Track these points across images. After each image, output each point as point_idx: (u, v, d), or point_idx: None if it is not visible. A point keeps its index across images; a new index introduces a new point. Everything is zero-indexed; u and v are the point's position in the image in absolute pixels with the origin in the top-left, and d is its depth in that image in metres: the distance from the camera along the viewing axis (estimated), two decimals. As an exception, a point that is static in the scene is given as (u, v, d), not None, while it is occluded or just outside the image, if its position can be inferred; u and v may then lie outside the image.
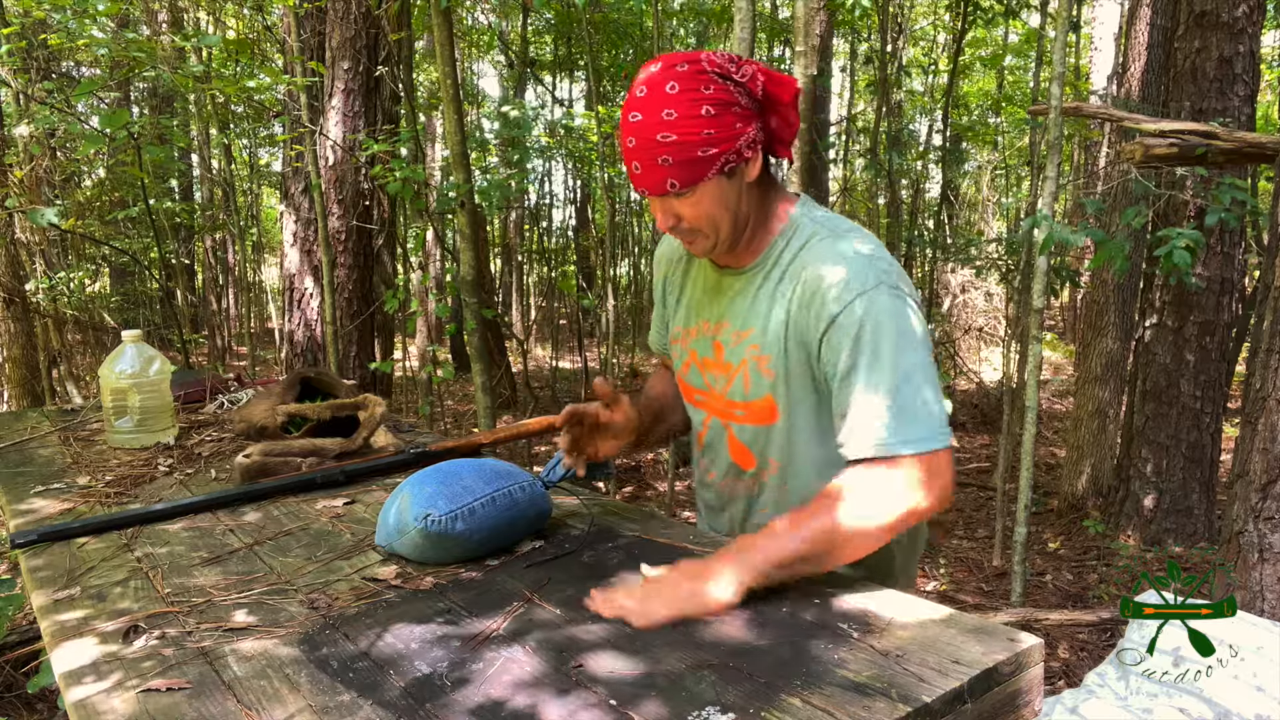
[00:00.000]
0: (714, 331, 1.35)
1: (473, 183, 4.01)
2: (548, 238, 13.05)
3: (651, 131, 1.17)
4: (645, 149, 1.18)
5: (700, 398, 1.40)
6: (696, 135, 1.16)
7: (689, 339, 1.41)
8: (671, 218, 1.24)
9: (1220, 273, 4.55)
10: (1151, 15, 5.27)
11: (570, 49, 10.10)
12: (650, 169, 1.19)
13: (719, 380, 1.35)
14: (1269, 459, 2.78)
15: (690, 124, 1.16)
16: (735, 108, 1.18)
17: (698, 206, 1.22)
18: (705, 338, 1.37)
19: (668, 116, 1.16)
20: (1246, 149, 3.19)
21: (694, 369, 1.40)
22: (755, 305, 1.29)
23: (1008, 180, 13.42)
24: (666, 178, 1.19)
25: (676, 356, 1.45)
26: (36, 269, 5.44)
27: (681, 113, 1.16)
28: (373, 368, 4.76)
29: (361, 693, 0.91)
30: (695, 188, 1.20)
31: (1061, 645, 3.43)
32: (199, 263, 11.79)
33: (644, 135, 1.18)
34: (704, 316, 1.37)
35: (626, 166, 1.23)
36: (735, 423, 1.34)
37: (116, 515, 1.44)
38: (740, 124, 1.19)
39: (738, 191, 1.23)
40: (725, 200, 1.22)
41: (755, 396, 1.30)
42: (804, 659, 0.94)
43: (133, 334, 1.92)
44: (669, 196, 1.22)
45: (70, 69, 7.52)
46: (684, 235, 1.27)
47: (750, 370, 1.29)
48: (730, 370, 1.32)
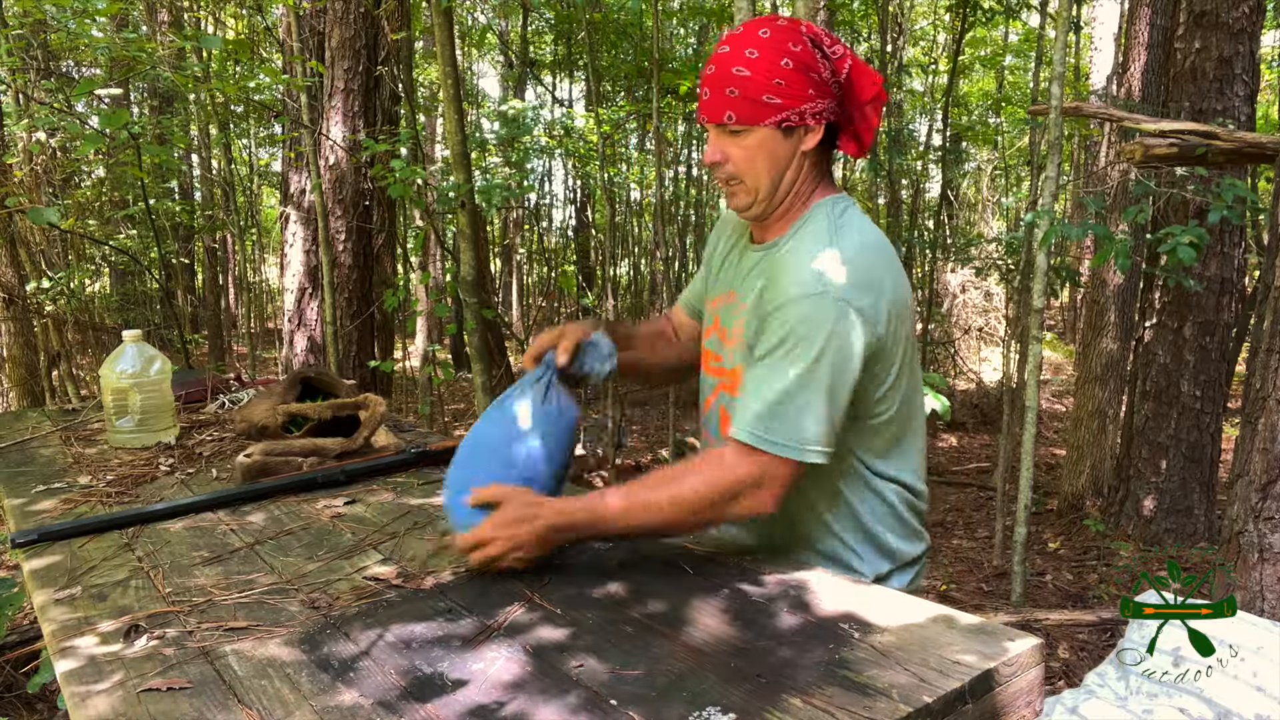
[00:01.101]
0: (725, 301, 1.41)
1: (473, 183, 4.01)
2: (548, 237, 13.05)
3: (730, 63, 1.22)
4: (719, 78, 1.23)
5: (712, 363, 1.44)
6: (768, 80, 1.20)
7: (714, 307, 1.45)
8: (719, 153, 1.27)
9: (1220, 273, 4.55)
10: (1151, 15, 5.27)
11: (570, 49, 10.10)
12: (716, 97, 1.23)
13: (727, 350, 1.39)
14: (1269, 459, 2.78)
15: (767, 68, 1.21)
16: (814, 74, 1.22)
17: (747, 150, 1.25)
18: (726, 305, 1.41)
19: (750, 55, 1.21)
20: (1246, 149, 3.19)
21: (714, 335, 1.43)
22: (752, 282, 1.33)
23: (1007, 180, 13.42)
24: (727, 109, 1.23)
25: (706, 325, 1.48)
26: (37, 269, 5.44)
27: (763, 56, 1.21)
28: (372, 367, 4.76)
29: (362, 693, 0.91)
30: (751, 129, 1.23)
31: (1061, 645, 3.43)
32: (199, 263, 11.79)
33: (722, 66, 1.22)
34: (729, 288, 1.41)
35: (699, 95, 1.27)
36: (725, 392, 1.38)
37: (117, 515, 1.44)
38: (814, 90, 1.23)
39: (789, 154, 1.26)
40: (774, 156, 1.25)
41: (733, 365, 1.35)
42: (804, 659, 0.94)
43: (133, 334, 1.92)
44: (724, 130, 1.25)
45: (70, 69, 7.52)
46: (726, 180, 1.29)
47: (738, 340, 1.33)
48: (727, 338, 1.38)
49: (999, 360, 9.46)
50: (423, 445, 1.77)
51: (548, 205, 12.91)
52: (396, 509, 1.50)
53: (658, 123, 5.65)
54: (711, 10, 8.21)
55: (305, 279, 5.05)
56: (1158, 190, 3.78)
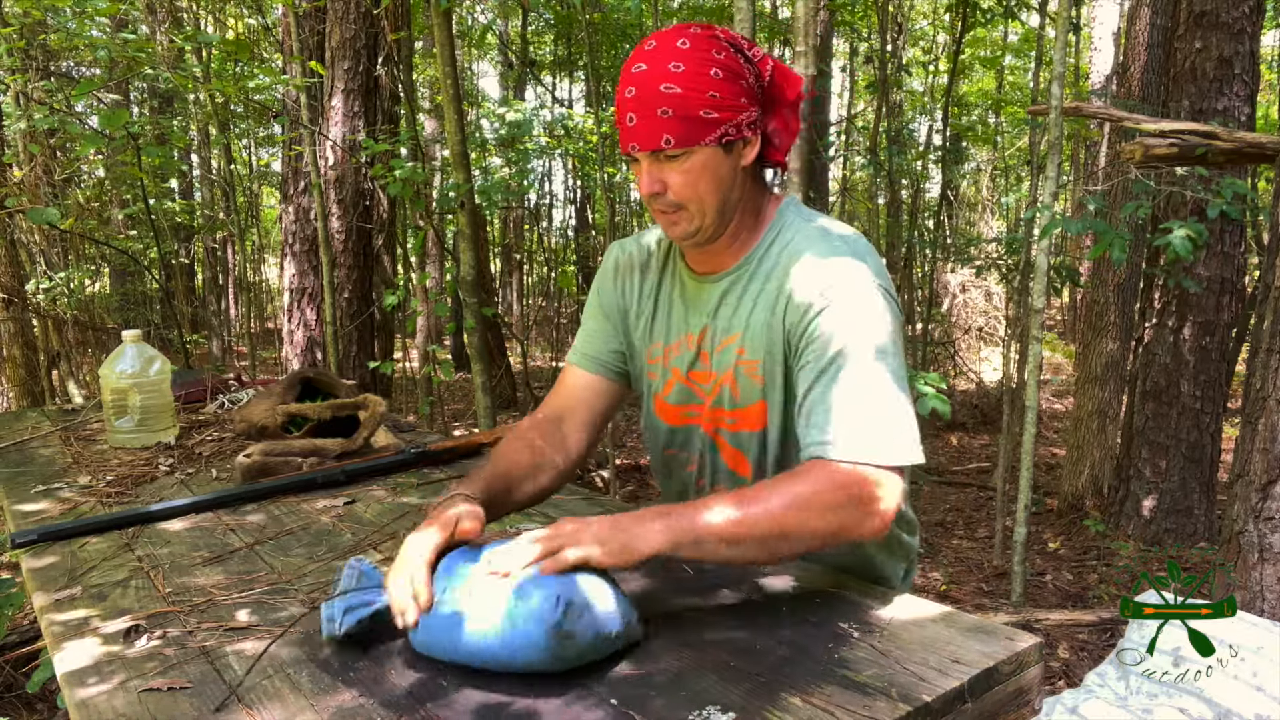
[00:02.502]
0: (698, 342, 1.27)
1: (472, 183, 4.01)
2: (548, 237, 13.05)
3: (655, 81, 1.10)
4: (646, 100, 1.11)
5: (689, 413, 1.31)
6: (701, 94, 1.10)
7: (670, 356, 1.31)
8: (658, 183, 1.15)
9: (1220, 273, 4.55)
10: (1151, 15, 5.27)
11: (570, 49, 10.10)
12: (647, 121, 1.11)
13: (706, 389, 1.28)
14: (1269, 459, 2.78)
15: (697, 81, 1.10)
16: (743, 81, 1.13)
17: (689, 174, 1.13)
18: (688, 351, 1.29)
19: (675, 69, 1.10)
20: (1246, 149, 3.18)
21: (678, 387, 1.31)
22: (739, 309, 1.23)
23: (1007, 180, 13.42)
24: (663, 132, 1.11)
25: (654, 378, 1.34)
26: (37, 269, 5.44)
27: (690, 68, 1.10)
28: (372, 367, 4.76)
29: (362, 693, 0.91)
30: (691, 151, 1.12)
31: (1061, 645, 3.43)
32: (199, 263, 11.79)
33: (647, 85, 1.11)
34: (687, 329, 1.29)
35: (619, 121, 1.14)
36: (726, 429, 1.28)
37: (117, 515, 1.44)
38: (745, 99, 1.13)
39: (731, 171, 1.16)
40: (718, 175, 1.15)
41: (746, 403, 1.24)
42: (804, 659, 0.94)
43: (133, 334, 1.92)
44: (660, 156, 1.13)
45: (70, 69, 7.52)
46: (666, 210, 1.17)
47: (738, 376, 1.23)
48: (715, 379, 1.26)
49: (999, 360, 9.46)
50: (422, 445, 1.77)
51: (548, 205, 12.92)
52: (396, 509, 1.50)
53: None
54: (711, 10, 8.22)
55: (305, 279, 5.05)
56: (1157, 187, 3.79)
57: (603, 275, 1.39)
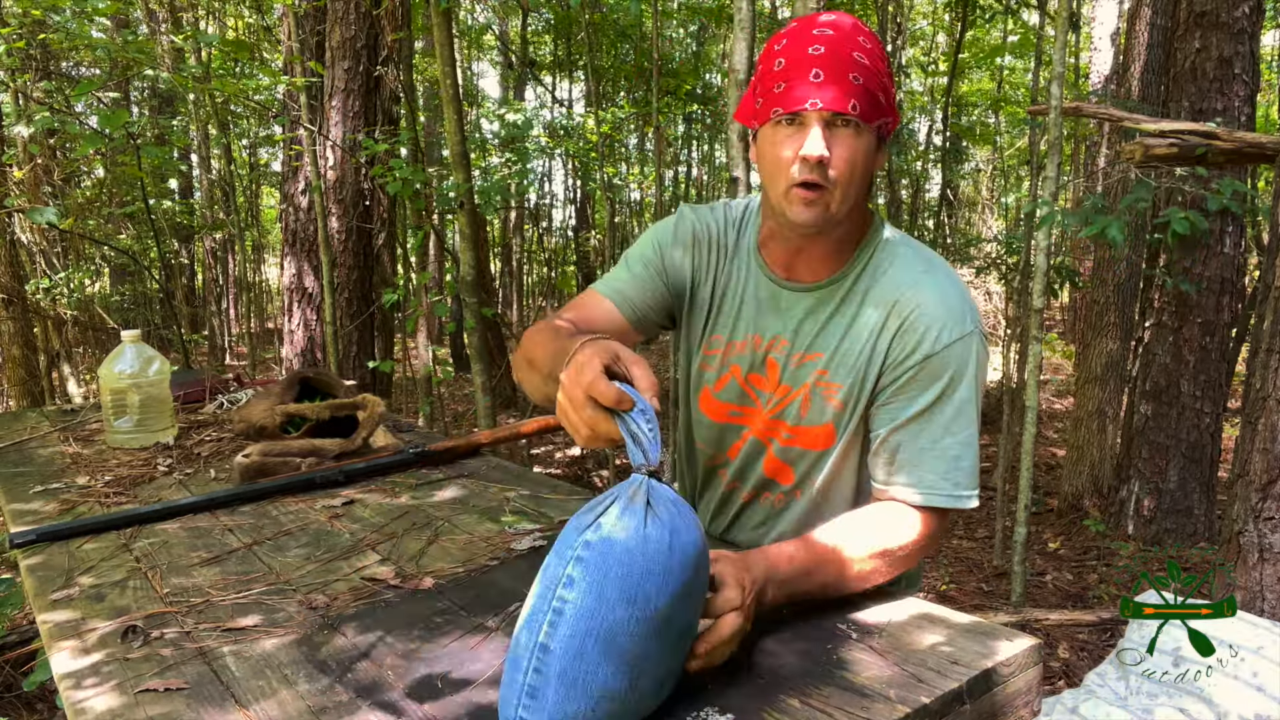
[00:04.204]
0: (767, 348, 1.24)
1: (472, 183, 4.01)
2: (548, 237, 13.05)
3: (848, 46, 1.07)
4: (839, 60, 1.06)
5: (737, 413, 1.29)
6: (881, 77, 1.09)
7: (732, 353, 1.27)
8: (828, 150, 1.07)
9: (1220, 273, 4.55)
10: (1151, 15, 5.27)
11: (570, 49, 10.10)
12: (839, 83, 1.05)
13: (769, 399, 1.25)
14: (1269, 459, 2.78)
15: (878, 64, 1.09)
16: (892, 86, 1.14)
17: (854, 152, 1.08)
18: (756, 353, 1.25)
19: (864, 43, 1.08)
20: (1246, 149, 3.18)
21: (733, 383, 1.28)
22: (829, 329, 1.20)
23: (1007, 180, 13.42)
24: (852, 98, 1.06)
25: (709, 370, 1.30)
26: (36, 269, 5.44)
27: (873, 49, 1.09)
28: (372, 367, 4.76)
29: (360, 693, 0.90)
30: (862, 129, 1.09)
31: (1061, 645, 3.43)
32: (199, 263, 11.79)
33: (840, 48, 1.06)
34: (755, 331, 1.25)
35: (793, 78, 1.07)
36: (779, 442, 1.25)
37: (115, 515, 1.44)
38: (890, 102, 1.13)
39: (873, 166, 1.13)
40: (868, 164, 1.12)
41: (814, 423, 1.22)
42: (803, 659, 0.94)
43: (132, 334, 1.92)
44: (837, 123, 1.07)
45: (70, 69, 7.52)
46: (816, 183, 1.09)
47: (814, 395, 1.21)
48: (788, 392, 1.23)
49: (999, 360, 9.46)
50: (421, 445, 1.77)
51: (548, 205, 12.92)
52: (395, 509, 1.50)
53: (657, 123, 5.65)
54: (710, 10, 8.22)
55: (305, 279, 5.05)
56: (1157, 183, 3.79)
57: (674, 236, 1.30)
